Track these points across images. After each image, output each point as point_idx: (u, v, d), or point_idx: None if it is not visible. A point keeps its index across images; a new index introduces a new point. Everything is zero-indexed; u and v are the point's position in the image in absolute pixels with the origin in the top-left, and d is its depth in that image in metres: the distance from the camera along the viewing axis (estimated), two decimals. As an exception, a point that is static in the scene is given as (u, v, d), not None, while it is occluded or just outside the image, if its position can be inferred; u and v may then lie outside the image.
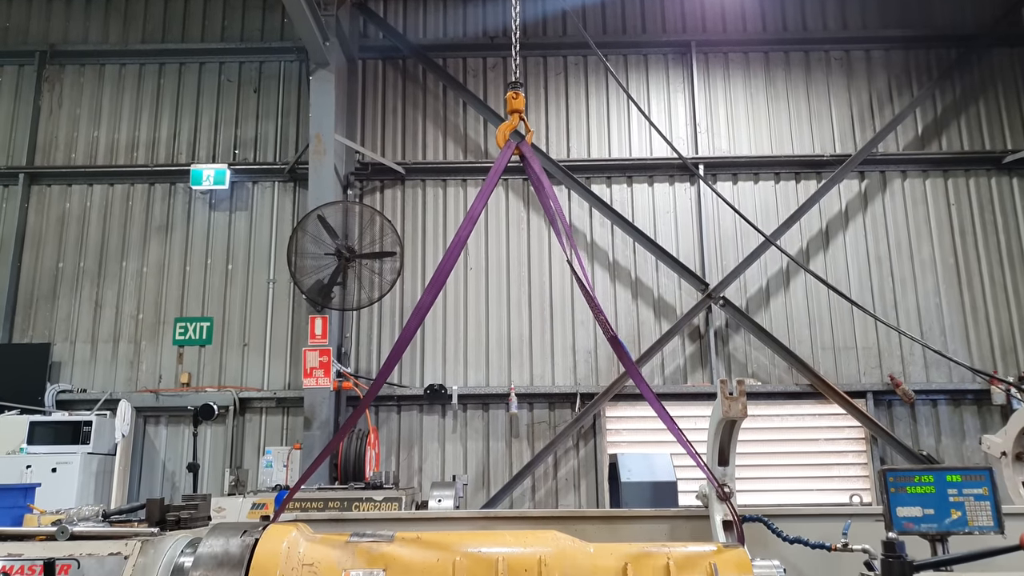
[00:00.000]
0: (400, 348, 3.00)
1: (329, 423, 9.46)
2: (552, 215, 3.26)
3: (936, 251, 10.54)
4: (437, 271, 2.95)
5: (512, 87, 3.34)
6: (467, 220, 3.09)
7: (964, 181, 10.77)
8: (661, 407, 2.77)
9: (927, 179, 10.79)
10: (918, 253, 10.53)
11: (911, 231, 10.61)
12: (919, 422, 10.04)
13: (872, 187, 10.78)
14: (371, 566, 2.35)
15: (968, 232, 10.60)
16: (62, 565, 2.16)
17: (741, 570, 2.38)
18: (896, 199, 10.73)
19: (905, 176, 10.81)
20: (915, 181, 10.79)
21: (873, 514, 3.31)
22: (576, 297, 10.45)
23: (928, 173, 10.79)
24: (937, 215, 10.66)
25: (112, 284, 10.64)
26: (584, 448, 10.07)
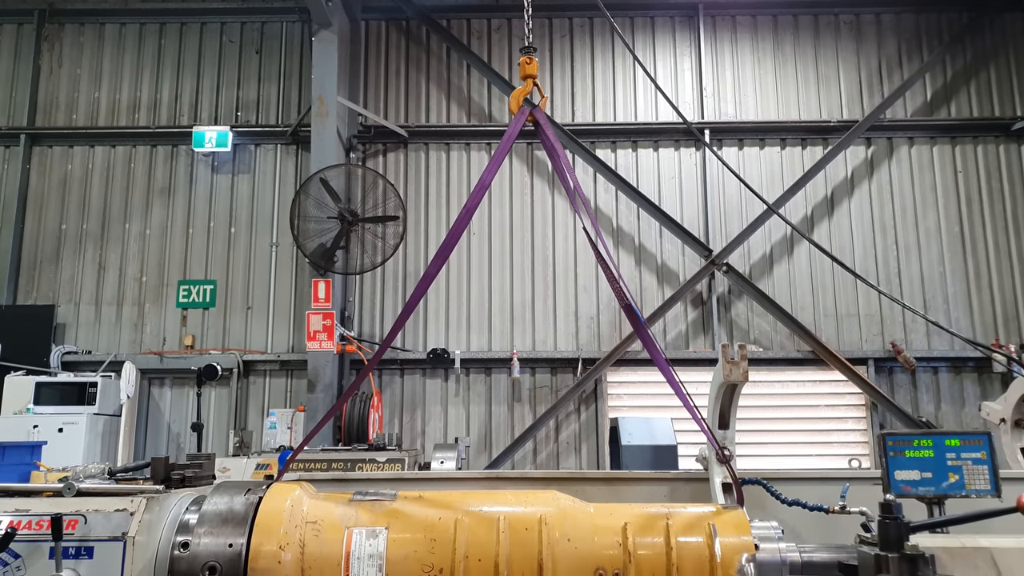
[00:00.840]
0: (405, 315, 2.99)
1: (333, 386, 9.52)
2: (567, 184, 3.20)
3: (941, 219, 10.48)
4: (445, 239, 2.91)
5: (525, 52, 3.25)
6: (477, 188, 3.04)
7: (972, 148, 10.66)
8: (671, 374, 2.78)
9: (934, 146, 10.68)
10: (923, 221, 10.48)
11: (917, 198, 10.54)
12: (919, 389, 10.08)
13: (879, 154, 10.69)
14: (374, 524, 2.38)
15: (974, 200, 10.53)
16: (69, 520, 2.19)
17: (739, 531, 2.40)
18: (903, 166, 10.64)
19: (912, 143, 10.70)
20: (922, 148, 10.69)
21: (871, 478, 3.34)
22: (579, 262, 10.44)
23: (936, 140, 10.69)
24: (944, 182, 10.57)
25: (115, 246, 10.65)
26: (585, 412, 10.14)
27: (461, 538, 2.30)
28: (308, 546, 2.33)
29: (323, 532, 2.36)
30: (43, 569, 2.14)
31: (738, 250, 10.30)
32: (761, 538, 2.41)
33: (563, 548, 2.32)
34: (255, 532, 2.33)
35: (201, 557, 2.30)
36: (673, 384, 2.74)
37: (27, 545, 2.17)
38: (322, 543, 2.34)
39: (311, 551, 2.32)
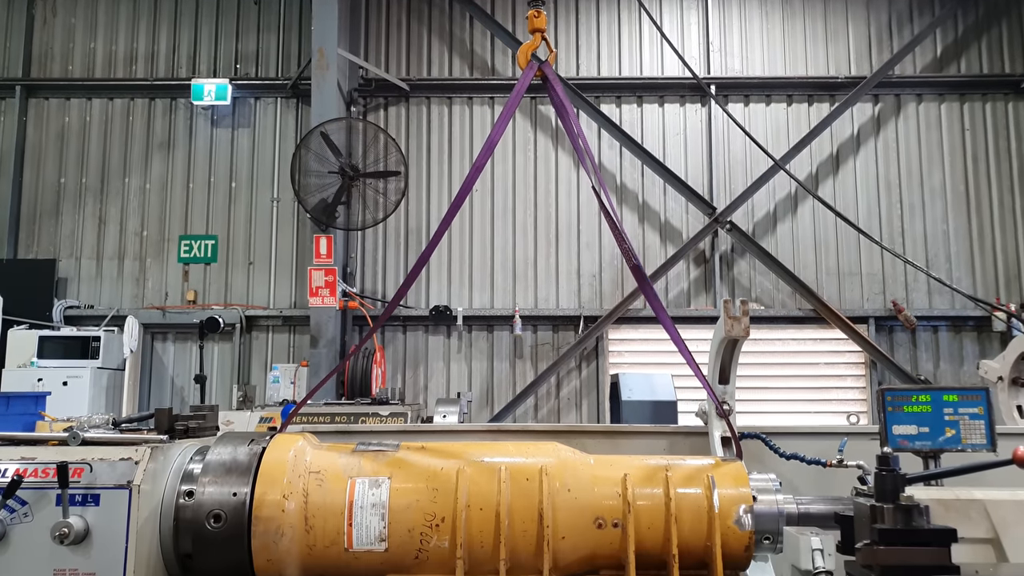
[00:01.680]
0: (414, 273, 2.97)
1: (335, 342, 9.57)
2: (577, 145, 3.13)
3: (947, 177, 10.40)
4: (455, 200, 2.87)
5: (533, 4, 3.17)
6: (486, 146, 2.98)
7: (980, 105, 10.52)
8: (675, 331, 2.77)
9: (943, 103, 10.54)
10: (928, 179, 10.40)
11: (923, 156, 10.44)
12: (919, 347, 10.12)
13: (886, 111, 10.55)
14: (376, 474, 2.41)
15: (981, 158, 10.43)
16: (75, 468, 2.21)
17: (738, 483, 2.43)
18: (910, 123, 10.52)
19: (920, 100, 10.56)
20: (930, 105, 10.55)
21: (869, 433, 3.37)
22: (582, 219, 10.40)
23: (944, 97, 10.54)
24: (951, 140, 10.46)
25: (115, 201, 10.60)
26: (586, 369, 10.20)
27: (463, 488, 2.33)
28: (311, 495, 2.36)
29: (326, 482, 2.39)
30: (51, 516, 2.17)
31: (742, 208, 10.25)
32: (759, 490, 2.44)
33: (563, 498, 2.35)
34: (259, 481, 2.36)
35: (206, 505, 2.34)
36: (677, 341, 2.74)
37: (34, 492, 2.20)
38: (325, 492, 2.37)
39: (314, 500, 2.35)
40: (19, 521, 2.18)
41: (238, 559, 2.31)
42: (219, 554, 2.32)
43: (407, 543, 2.32)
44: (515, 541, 2.31)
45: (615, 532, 2.34)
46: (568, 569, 2.35)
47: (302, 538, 2.32)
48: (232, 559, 2.31)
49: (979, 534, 2.34)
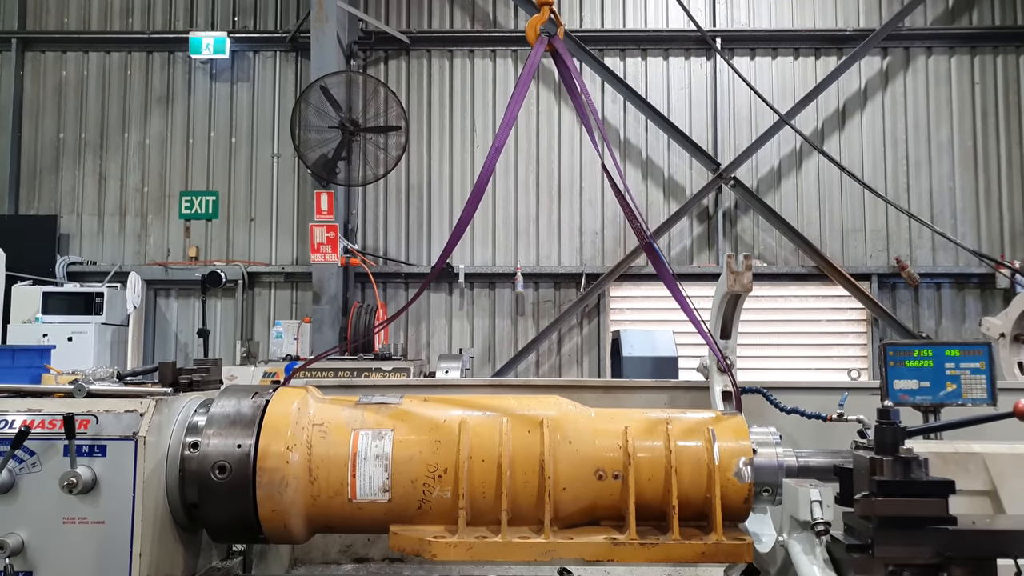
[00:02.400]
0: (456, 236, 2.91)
1: (338, 298, 9.59)
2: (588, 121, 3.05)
3: (955, 133, 10.27)
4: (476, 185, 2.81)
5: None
6: (503, 126, 2.88)
7: (991, 59, 10.35)
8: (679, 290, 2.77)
9: (953, 56, 10.36)
10: (936, 135, 10.27)
11: (931, 111, 10.30)
12: (921, 305, 10.13)
13: (894, 65, 10.38)
14: (380, 426, 2.43)
15: (990, 113, 10.29)
16: (81, 420, 2.23)
17: (738, 436, 2.44)
18: (918, 77, 10.35)
19: (930, 53, 10.38)
20: (940, 59, 10.37)
21: (870, 388, 3.38)
22: (584, 178, 10.33)
23: (955, 50, 10.36)
24: (960, 95, 10.31)
25: (115, 156, 10.53)
26: (588, 326, 10.23)
27: (465, 439, 2.35)
28: (315, 447, 2.38)
29: (330, 434, 2.41)
30: (58, 466, 2.20)
31: (746, 164, 10.16)
32: (759, 443, 2.46)
33: (564, 450, 2.37)
34: (263, 433, 2.38)
35: (211, 457, 2.36)
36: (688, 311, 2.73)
37: (41, 443, 2.22)
38: (329, 444, 2.39)
39: (318, 452, 2.37)
40: (28, 471, 2.21)
41: (243, 509, 2.34)
42: (224, 504, 2.35)
43: (410, 494, 2.35)
44: (516, 492, 2.34)
45: (615, 484, 2.37)
46: (569, 519, 2.39)
47: (306, 489, 2.35)
48: (237, 509, 2.35)
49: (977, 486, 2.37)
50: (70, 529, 2.20)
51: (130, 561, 2.19)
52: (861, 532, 2.09)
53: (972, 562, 2.02)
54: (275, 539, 2.47)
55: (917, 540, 2.02)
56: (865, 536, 2.06)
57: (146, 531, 2.23)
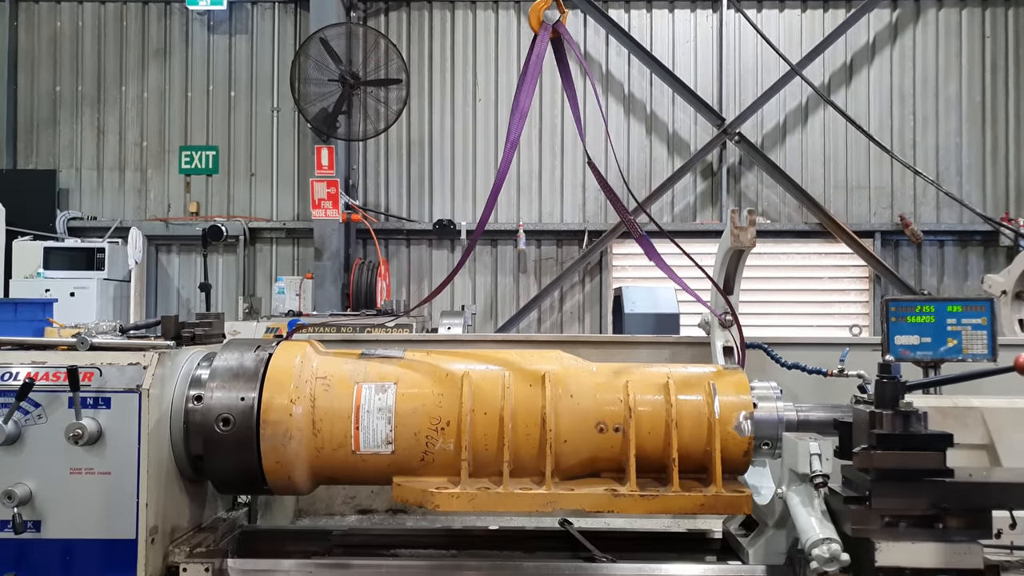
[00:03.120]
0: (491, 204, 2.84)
1: (339, 254, 9.58)
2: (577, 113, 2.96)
3: (963, 88, 10.12)
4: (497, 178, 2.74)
5: None
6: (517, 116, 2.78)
7: (1003, 12, 10.14)
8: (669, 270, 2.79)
9: (964, 8, 10.16)
10: (944, 90, 10.12)
11: (940, 66, 10.13)
12: (924, 262, 10.11)
13: (904, 17, 10.18)
14: (383, 379, 2.44)
15: (1000, 68, 10.12)
16: (85, 372, 2.24)
17: (739, 390, 2.46)
18: (928, 31, 10.16)
19: (941, 5, 10.17)
20: (951, 11, 10.17)
21: (871, 344, 3.39)
22: (588, 134, 10.20)
23: (966, 3, 10.15)
24: (970, 48, 10.13)
25: (113, 110, 10.41)
26: (590, 283, 10.24)
27: (467, 393, 2.36)
28: (318, 400, 2.40)
29: (333, 387, 2.42)
30: (64, 418, 2.22)
31: (751, 120, 10.04)
32: (760, 397, 2.47)
33: (566, 403, 2.39)
34: (266, 386, 2.39)
35: (215, 410, 2.38)
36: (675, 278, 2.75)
37: (46, 395, 2.24)
38: (332, 397, 2.41)
39: (321, 404, 2.39)
40: (33, 423, 2.23)
41: (247, 461, 2.37)
42: (229, 456, 2.38)
43: (413, 446, 2.37)
44: (518, 444, 2.36)
45: (616, 436, 2.39)
46: (570, 471, 2.41)
47: (310, 441, 2.38)
48: (242, 461, 2.37)
49: (975, 440, 2.39)
50: (77, 480, 2.23)
51: (137, 511, 2.22)
52: (859, 484, 2.12)
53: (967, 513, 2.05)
54: (279, 490, 2.50)
55: (914, 492, 2.04)
56: (863, 488, 2.09)
57: (152, 482, 2.26)
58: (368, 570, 2.34)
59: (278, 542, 2.75)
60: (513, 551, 2.73)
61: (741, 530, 2.62)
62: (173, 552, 2.34)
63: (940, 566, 1.98)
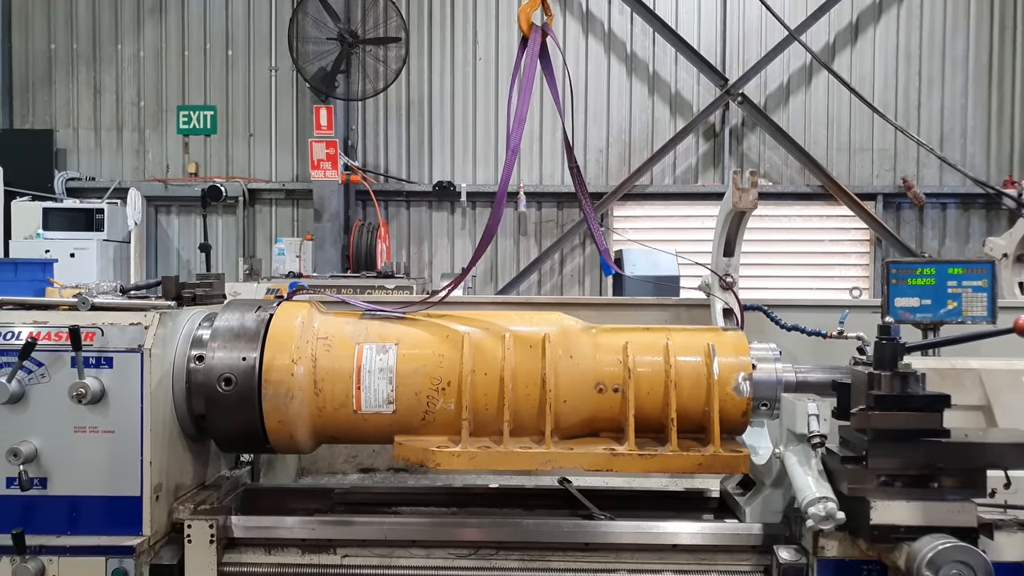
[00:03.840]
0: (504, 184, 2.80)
1: (339, 216, 9.54)
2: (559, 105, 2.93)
3: (971, 47, 9.97)
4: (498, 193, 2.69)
5: None
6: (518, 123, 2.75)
7: (1013, -31, 9.95)
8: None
9: (974, -35, 9.97)
10: (951, 49, 9.97)
11: (948, 24, 9.96)
12: (925, 225, 10.07)
13: (913, -25, 10.00)
14: (384, 340, 2.45)
15: (1008, 26, 9.95)
16: (86, 332, 2.25)
17: (738, 351, 2.47)
18: (937, -13, 9.99)
19: (951, -39, 9.98)
20: (960, -32, 9.98)
21: (871, 306, 3.39)
22: (589, 92, 10.10)
23: (976, -42, 9.96)
24: (978, 7, 9.94)
25: (109, 68, 10.28)
26: (590, 246, 10.21)
27: (468, 353, 2.38)
28: (320, 360, 2.41)
29: (334, 347, 2.43)
30: (67, 377, 2.23)
31: (754, 80, 9.91)
32: (759, 359, 2.49)
33: (565, 364, 2.40)
34: (267, 346, 2.41)
35: (216, 369, 2.40)
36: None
37: (49, 355, 2.25)
38: (333, 357, 2.42)
39: (323, 364, 2.41)
40: (37, 382, 2.25)
41: (250, 420, 2.39)
42: (231, 415, 2.40)
43: (414, 405, 2.39)
44: (518, 404, 2.38)
45: (615, 397, 2.41)
46: (569, 431, 2.44)
47: (311, 400, 2.40)
48: (244, 420, 2.40)
49: (972, 401, 2.41)
50: (81, 438, 2.25)
51: (140, 468, 2.25)
52: (856, 445, 2.14)
53: (962, 473, 2.07)
54: (282, 449, 2.53)
55: (910, 452, 2.06)
56: (860, 448, 2.11)
57: (155, 440, 2.28)
58: (370, 527, 2.38)
59: (281, 500, 2.79)
60: (513, 509, 2.78)
61: (738, 489, 2.66)
62: (178, 509, 2.38)
63: (934, 524, 2.01)
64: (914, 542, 1.98)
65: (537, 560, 2.32)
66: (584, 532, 2.37)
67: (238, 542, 2.34)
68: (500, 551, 2.33)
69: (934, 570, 1.91)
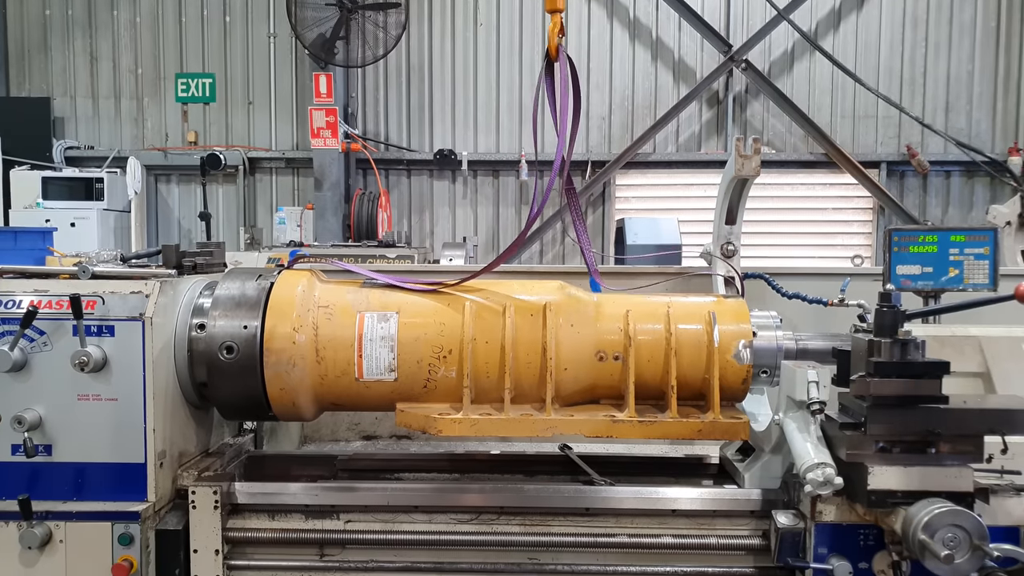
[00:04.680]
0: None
1: (340, 185, 9.51)
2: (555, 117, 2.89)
3: (979, 12, 9.83)
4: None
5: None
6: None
7: (1024, -69, 9.78)
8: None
9: (983, -72, 9.79)
10: (959, 14, 9.83)
11: (956, -12, 9.83)
12: (929, 193, 10.02)
13: (921, -63, 9.83)
14: (385, 308, 2.45)
15: (1017, -9, 9.82)
16: (88, 301, 2.25)
17: (738, 319, 2.46)
18: (945, -49, 9.82)
19: (960, -76, 9.80)
20: (970, -70, 9.80)
21: (872, 274, 3.39)
22: (592, 59, 10.00)
23: (986, -79, 9.78)
24: (988, -30, 9.80)
25: (106, 35, 10.17)
26: (593, 215, 10.18)
27: (469, 322, 2.38)
28: (321, 328, 2.41)
29: (335, 316, 2.43)
30: (69, 345, 2.24)
31: (758, 46, 9.79)
32: (759, 326, 2.48)
33: (566, 332, 2.40)
34: (268, 315, 2.40)
35: (218, 338, 2.40)
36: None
37: (50, 323, 2.25)
38: (335, 326, 2.42)
39: (324, 333, 2.41)
40: (39, 350, 2.25)
41: (252, 388, 2.40)
42: (233, 383, 2.41)
43: (416, 373, 2.40)
44: (519, 372, 2.39)
45: (616, 365, 2.41)
46: (570, 399, 2.45)
47: (313, 369, 2.40)
48: (246, 388, 2.40)
49: (971, 368, 2.42)
50: (85, 406, 2.26)
51: (144, 436, 2.27)
52: (855, 411, 2.15)
53: (960, 438, 2.08)
54: (284, 416, 2.54)
55: (908, 418, 2.07)
56: (859, 415, 2.12)
57: (158, 408, 2.30)
58: (373, 493, 2.40)
59: (284, 467, 2.81)
60: (514, 475, 2.80)
61: (738, 455, 2.68)
62: (182, 476, 2.40)
63: (931, 489, 2.03)
64: (910, 506, 2.00)
65: (538, 524, 2.34)
66: (585, 497, 2.39)
67: (242, 508, 2.37)
68: (502, 516, 2.36)
69: (930, 533, 1.93)
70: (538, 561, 2.33)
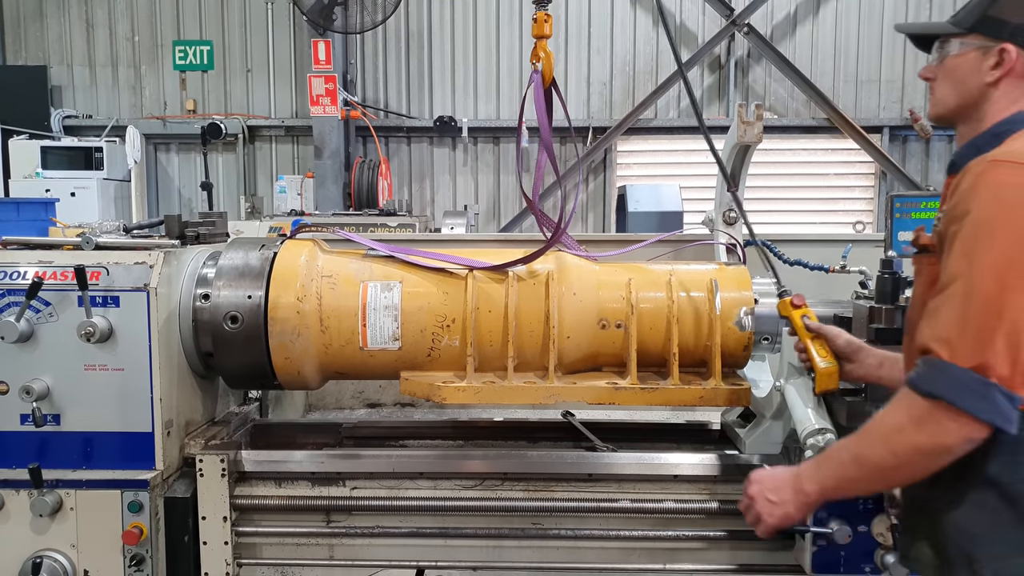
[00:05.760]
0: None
1: (339, 153, 9.46)
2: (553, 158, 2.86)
3: (986, -27, 9.67)
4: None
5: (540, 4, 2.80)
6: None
7: None
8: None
9: None
10: (965, -25, 9.68)
11: (963, -51, 9.66)
12: (931, 158, 9.96)
13: None
14: (388, 278, 2.46)
15: (1026, -49, 9.64)
16: (92, 272, 2.26)
17: (740, 286, 2.47)
18: (953, -90, 9.64)
19: None
20: None
21: (873, 240, 3.38)
22: (593, 23, 9.88)
23: None
24: (995, -69, 9.62)
25: (101, 2, 10.03)
26: (594, 182, 10.14)
27: (472, 291, 2.39)
28: (325, 298, 2.42)
29: (339, 285, 2.44)
30: (74, 316, 2.25)
31: (761, 10, 9.66)
32: (761, 293, 2.49)
33: (568, 300, 2.41)
34: (272, 285, 2.41)
35: (222, 308, 2.41)
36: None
37: (55, 294, 2.26)
38: (338, 295, 2.43)
39: (328, 302, 2.42)
40: (45, 321, 2.27)
41: (257, 358, 2.42)
42: (238, 353, 2.43)
43: (419, 342, 2.42)
44: (522, 340, 2.40)
45: (618, 332, 2.43)
46: (572, 366, 2.47)
47: (318, 338, 2.42)
48: (251, 358, 2.42)
49: (972, 334, 2.41)
50: (91, 375, 2.28)
51: (151, 405, 2.29)
52: (855, 377, 2.16)
53: (958, 403, 2.09)
54: (289, 385, 2.56)
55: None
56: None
57: (164, 378, 2.32)
58: (378, 460, 2.43)
59: (290, 435, 2.84)
60: (517, 441, 2.83)
61: (739, 421, 2.71)
62: (189, 444, 2.43)
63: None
64: (909, 470, 2.02)
65: (542, 490, 2.37)
66: (587, 463, 2.42)
67: (249, 476, 2.40)
68: (505, 482, 2.39)
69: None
70: (541, 526, 2.37)
